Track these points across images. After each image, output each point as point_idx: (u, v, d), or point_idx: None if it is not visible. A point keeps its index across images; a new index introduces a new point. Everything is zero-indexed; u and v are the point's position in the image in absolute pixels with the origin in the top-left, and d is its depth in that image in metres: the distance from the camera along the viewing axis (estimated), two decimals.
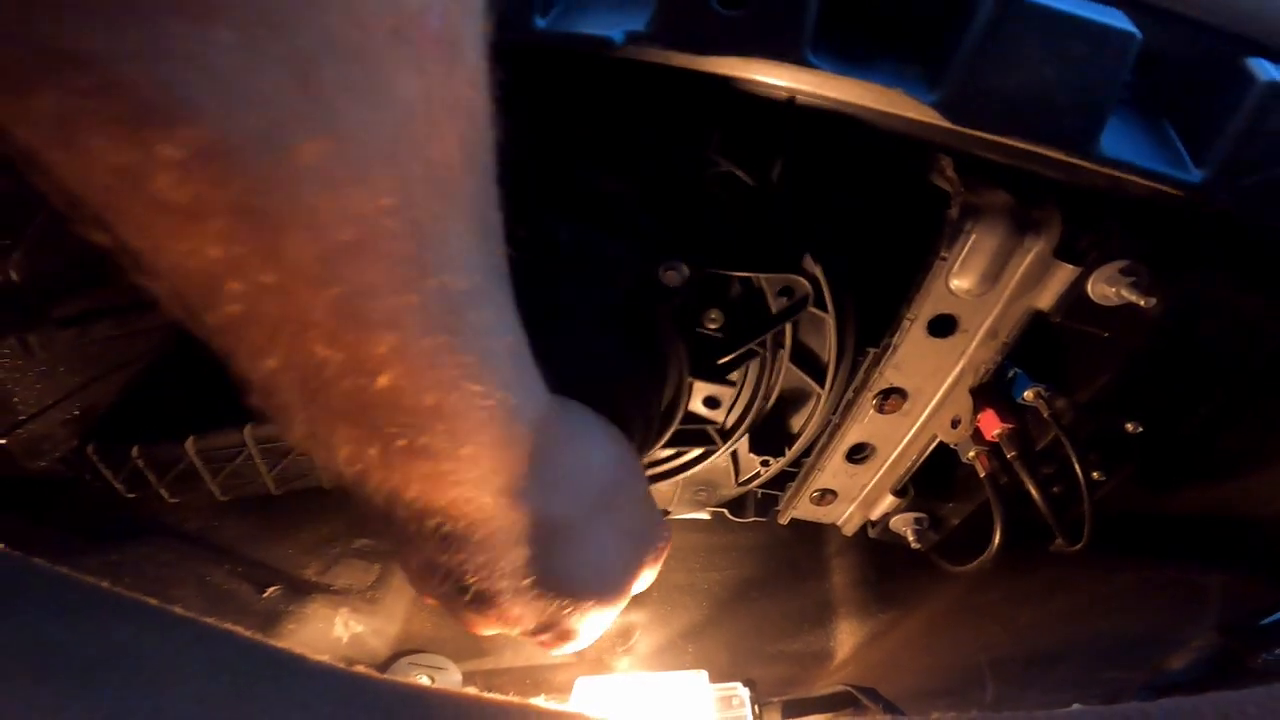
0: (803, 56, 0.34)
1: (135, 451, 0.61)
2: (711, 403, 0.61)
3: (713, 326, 0.55)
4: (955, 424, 0.59)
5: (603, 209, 0.50)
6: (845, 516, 0.70)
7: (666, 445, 0.60)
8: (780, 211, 0.51)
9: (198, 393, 0.60)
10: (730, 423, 0.62)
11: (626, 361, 0.48)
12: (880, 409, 0.58)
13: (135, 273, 0.23)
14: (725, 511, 0.73)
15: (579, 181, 0.50)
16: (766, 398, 0.60)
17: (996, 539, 0.63)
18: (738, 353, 0.56)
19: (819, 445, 0.63)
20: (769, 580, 0.88)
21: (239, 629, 0.32)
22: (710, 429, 0.62)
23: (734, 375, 0.59)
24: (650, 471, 0.67)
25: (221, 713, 0.29)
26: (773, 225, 0.52)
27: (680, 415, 0.57)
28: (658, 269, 0.50)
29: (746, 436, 0.63)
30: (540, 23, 0.34)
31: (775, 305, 0.55)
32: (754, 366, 0.60)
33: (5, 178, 0.51)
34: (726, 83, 0.41)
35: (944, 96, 0.35)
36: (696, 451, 0.65)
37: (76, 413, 0.61)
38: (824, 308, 0.55)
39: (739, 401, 0.61)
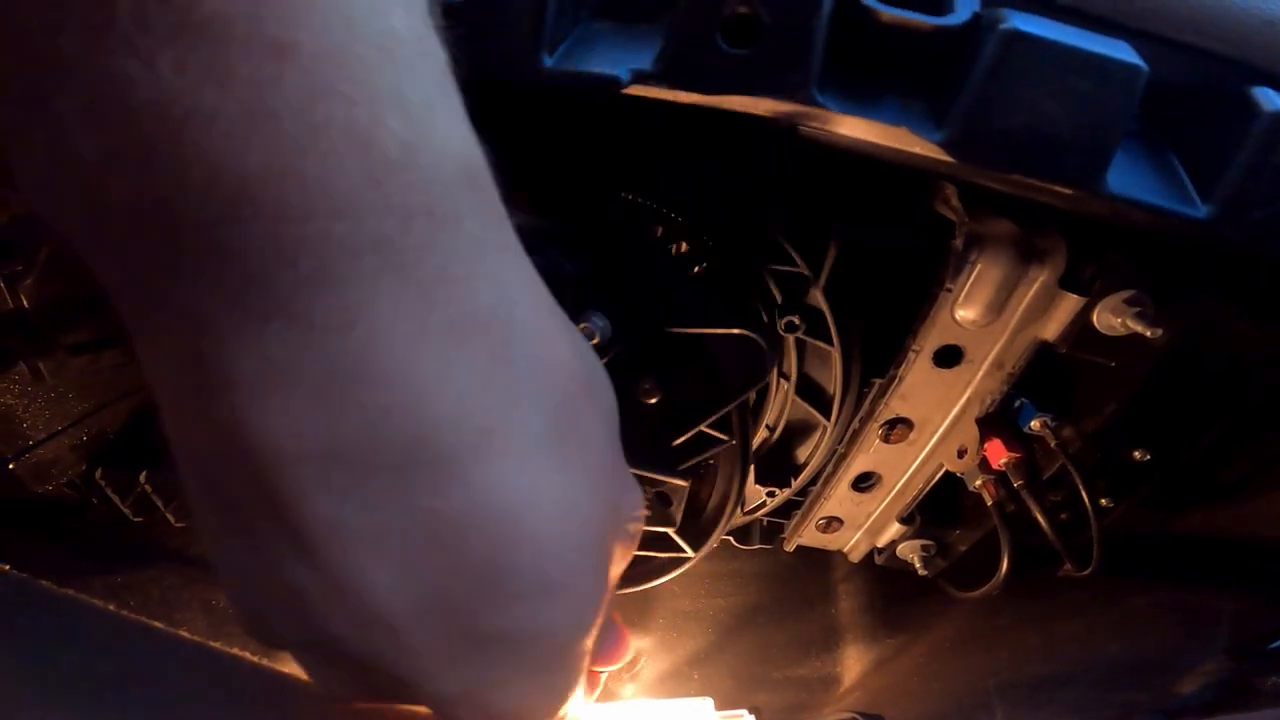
0: (810, 95, 0.34)
1: (143, 477, 0.61)
2: (661, 500, 0.50)
3: (649, 400, 0.46)
4: (962, 453, 0.59)
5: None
6: (851, 544, 0.70)
7: None
8: (737, 260, 0.47)
9: None
10: (709, 511, 0.52)
11: None
12: (886, 439, 0.58)
13: None
14: (731, 539, 0.73)
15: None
16: (773, 429, 0.60)
17: (1004, 566, 0.62)
18: (688, 435, 0.46)
19: (825, 474, 0.63)
20: (775, 606, 0.87)
21: (243, 653, 0.32)
22: (670, 531, 0.52)
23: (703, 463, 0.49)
24: None
25: None
26: (727, 274, 0.47)
27: None
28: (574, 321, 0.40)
29: (753, 466, 0.63)
30: (548, 61, 0.35)
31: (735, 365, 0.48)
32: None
33: (17, 203, 0.52)
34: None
35: (949, 134, 0.35)
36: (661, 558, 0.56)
37: (85, 438, 0.61)
38: (829, 340, 0.55)
39: (711, 501, 0.50)
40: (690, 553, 0.54)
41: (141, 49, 0.16)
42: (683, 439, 0.47)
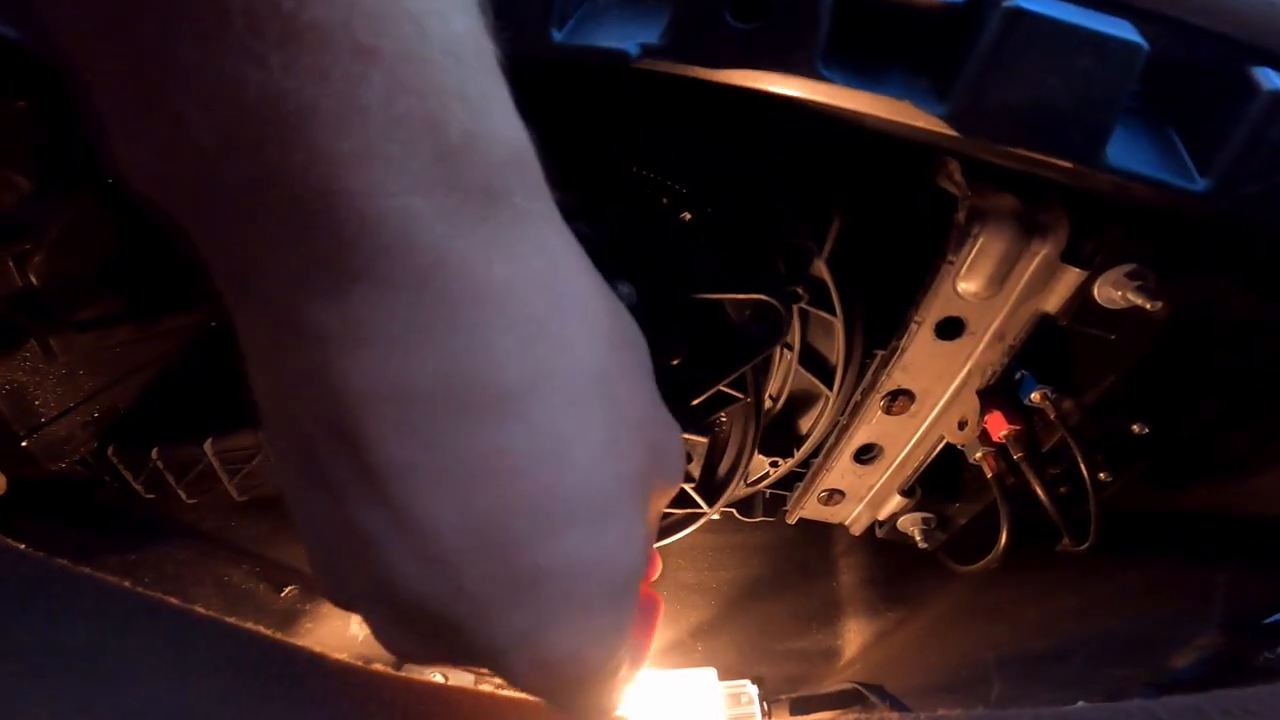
0: (815, 70, 0.35)
1: (154, 453, 0.62)
2: None
3: (673, 361, 0.48)
4: (962, 425, 0.60)
5: None
6: (853, 516, 0.71)
7: None
8: (755, 225, 0.48)
9: (216, 395, 0.60)
10: (722, 472, 0.54)
11: None
12: (888, 410, 0.59)
13: None
14: (734, 511, 0.74)
15: None
16: (776, 399, 0.61)
17: (1003, 539, 0.63)
18: (708, 394, 0.49)
19: (827, 446, 0.64)
20: (777, 579, 0.88)
21: (258, 628, 0.33)
22: (689, 487, 0.55)
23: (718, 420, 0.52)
24: None
25: (244, 711, 0.30)
26: (743, 243, 0.49)
27: None
28: None
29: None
30: (557, 35, 0.35)
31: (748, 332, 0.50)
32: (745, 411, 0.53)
33: (26, 182, 0.53)
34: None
35: (952, 109, 0.36)
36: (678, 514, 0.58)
37: (96, 415, 0.62)
38: (832, 311, 0.55)
39: (725, 458, 0.53)
40: (706, 507, 0.56)
41: (255, 52, 0.19)
42: (702, 397, 0.50)
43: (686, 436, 0.50)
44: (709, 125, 0.48)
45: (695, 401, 0.50)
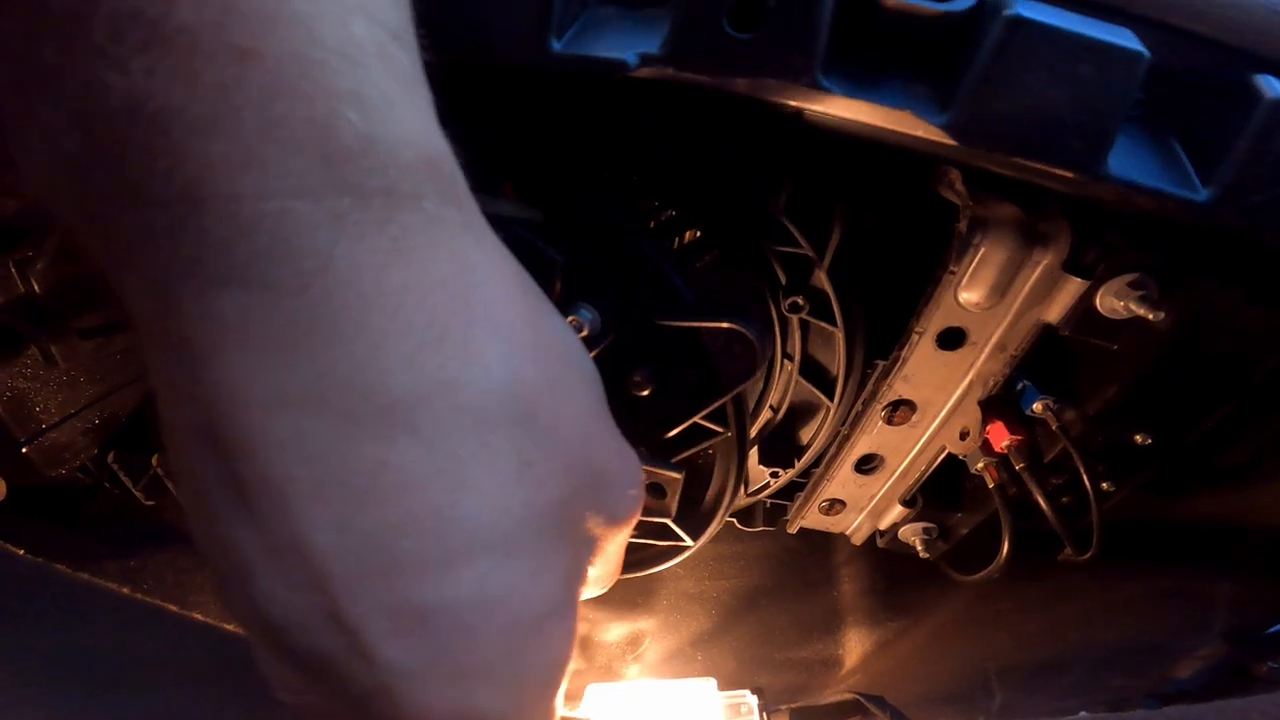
0: (814, 79, 0.35)
1: (155, 460, 0.61)
2: (654, 490, 0.49)
3: (641, 392, 0.45)
4: (964, 436, 0.60)
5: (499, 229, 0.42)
6: (854, 526, 0.71)
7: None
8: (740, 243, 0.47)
9: None
10: (708, 503, 0.52)
11: None
12: (889, 421, 0.58)
13: None
14: (734, 521, 0.74)
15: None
16: (776, 410, 0.60)
17: (1005, 549, 0.63)
18: (682, 427, 0.46)
19: (828, 456, 0.64)
20: (777, 589, 0.88)
21: None
22: (669, 521, 0.52)
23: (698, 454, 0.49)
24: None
25: (243, 715, 0.30)
26: (730, 258, 0.47)
27: None
28: (563, 312, 0.39)
29: (756, 448, 0.63)
30: (556, 45, 0.35)
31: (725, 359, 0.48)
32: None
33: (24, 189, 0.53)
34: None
35: (953, 118, 0.36)
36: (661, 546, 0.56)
37: (97, 422, 0.62)
38: (833, 321, 0.55)
39: (710, 489, 0.51)
40: (689, 541, 0.54)
41: (116, 58, 0.19)
42: (675, 431, 0.48)
43: (658, 471, 0.47)
44: (703, 134, 0.47)
45: (668, 435, 0.47)
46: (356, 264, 0.21)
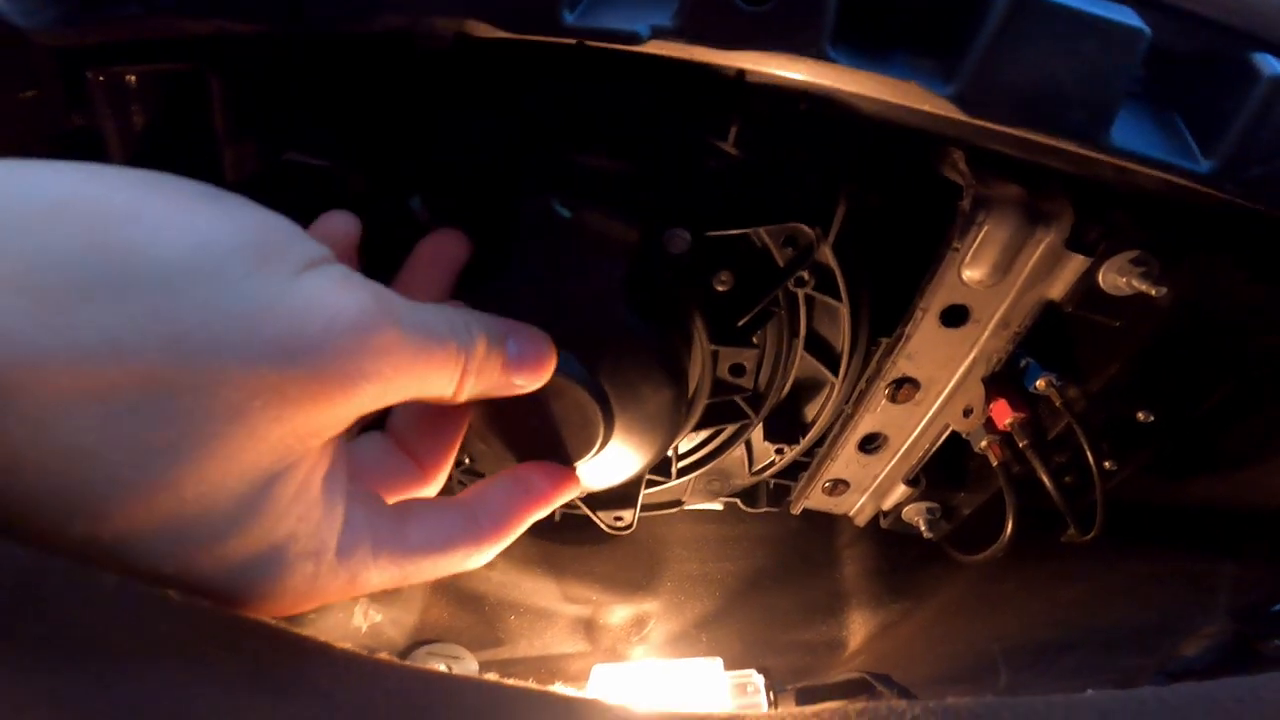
0: (823, 51, 0.35)
1: None
2: (737, 370, 0.60)
3: (723, 288, 0.54)
4: (968, 413, 0.60)
5: (600, 186, 0.49)
6: (857, 507, 0.71)
7: (699, 425, 0.60)
8: (774, 168, 0.52)
9: None
10: (763, 383, 0.62)
11: (649, 336, 0.47)
12: (893, 398, 0.59)
13: None
14: (738, 502, 0.74)
15: (575, 164, 0.49)
16: (782, 385, 0.61)
17: (1009, 528, 0.64)
18: (755, 310, 0.56)
19: (832, 435, 0.64)
20: (782, 570, 0.89)
21: (263, 618, 0.33)
22: (739, 399, 0.61)
23: (756, 337, 0.59)
24: (686, 461, 0.68)
25: (249, 698, 0.30)
26: (767, 183, 0.52)
27: (709, 388, 0.57)
28: (660, 239, 0.49)
29: (761, 425, 0.64)
30: (569, 18, 0.36)
31: (782, 258, 0.55)
32: (770, 349, 0.59)
33: None
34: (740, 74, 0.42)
35: (958, 90, 0.36)
36: (729, 431, 0.64)
37: None
38: (838, 297, 0.56)
39: (762, 372, 0.61)
40: (753, 416, 0.62)
41: None
42: (748, 317, 0.56)
43: (743, 350, 0.58)
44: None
45: (742, 321, 0.56)
46: None
